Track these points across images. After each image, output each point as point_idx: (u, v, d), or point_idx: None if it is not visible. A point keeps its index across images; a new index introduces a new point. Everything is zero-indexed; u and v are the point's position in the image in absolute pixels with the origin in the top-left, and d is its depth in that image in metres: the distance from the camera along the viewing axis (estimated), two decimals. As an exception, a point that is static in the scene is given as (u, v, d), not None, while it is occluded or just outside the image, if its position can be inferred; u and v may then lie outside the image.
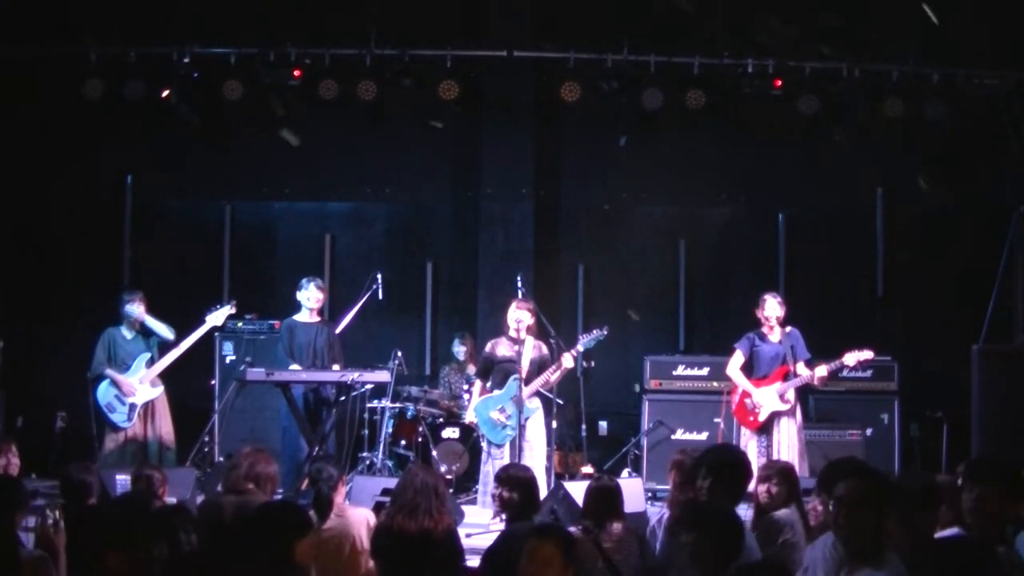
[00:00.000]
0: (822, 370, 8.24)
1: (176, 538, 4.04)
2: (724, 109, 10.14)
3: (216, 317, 8.86)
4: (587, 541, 5.22)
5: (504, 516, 5.66)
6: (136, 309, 8.64)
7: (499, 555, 5.22)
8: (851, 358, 8.27)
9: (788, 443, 8.19)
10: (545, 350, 8.32)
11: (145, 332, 8.75)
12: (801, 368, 8.30)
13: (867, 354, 8.33)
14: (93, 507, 5.56)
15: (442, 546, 5.19)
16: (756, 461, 7.45)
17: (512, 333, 8.19)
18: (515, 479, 5.59)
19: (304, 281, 8.85)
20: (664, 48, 9.94)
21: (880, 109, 9.90)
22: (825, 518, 4.76)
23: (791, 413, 8.29)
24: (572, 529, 5.27)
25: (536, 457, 7.99)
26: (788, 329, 8.47)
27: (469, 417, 8.52)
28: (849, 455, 5.53)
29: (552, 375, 8.11)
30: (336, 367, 8.60)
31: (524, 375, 8.03)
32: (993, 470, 4.44)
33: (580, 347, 8.24)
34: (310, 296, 8.77)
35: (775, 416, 8.26)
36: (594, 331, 8.28)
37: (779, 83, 9.88)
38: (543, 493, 6.94)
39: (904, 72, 9.86)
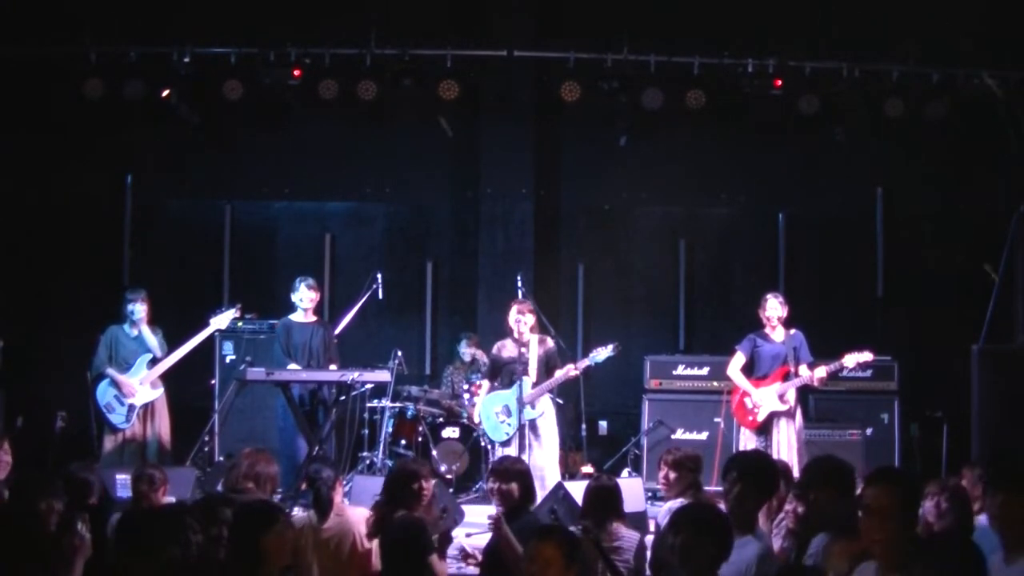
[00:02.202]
0: (821, 371, 8.24)
1: (187, 538, 4.04)
2: (724, 109, 10.13)
3: (220, 320, 8.86)
4: (587, 541, 5.22)
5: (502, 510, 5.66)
6: (138, 311, 8.60)
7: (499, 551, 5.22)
8: (851, 360, 8.27)
9: (787, 444, 8.17)
10: (550, 343, 8.35)
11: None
12: (802, 370, 8.29)
13: (866, 356, 8.33)
14: (95, 507, 5.56)
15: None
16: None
17: (516, 335, 8.20)
18: (510, 471, 5.59)
19: (296, 282, 8.84)
20: (664, 48, 9.94)
21: (880, 109, 9.90)
22: (808, 520, 4.76)
23: (790, 414, 8.27)
24: (572, 529, 5.27)
25: (548, 457, 7.96)
26: (792, 331, 8.46)
27: (476, 414, 8.55)
28: (827, 454, 5.47)
29: (558, 379, 8.12)
30: (333, 367, 8.60)
31: (535, 376, 8.03)
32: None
33: (588, 361, 8.22)
34: (302, 296, 8.75)
35: (774, 416, 8.25)
36: (608, 346, 8.23)
37: (779, 83, 9.88)
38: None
39: (904, 72, 9.86)
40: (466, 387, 9.65)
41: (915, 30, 9.90)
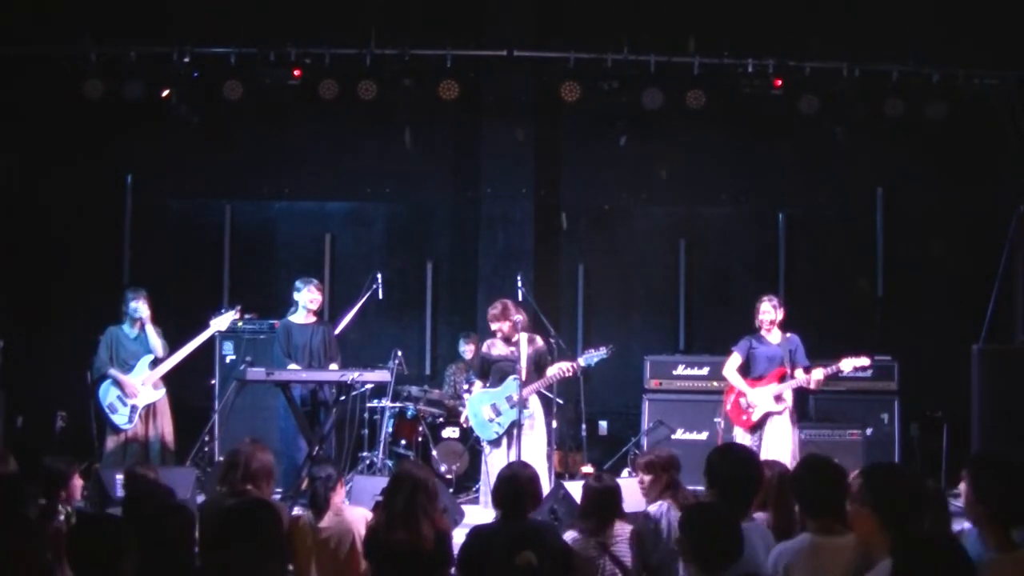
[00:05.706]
0: (819, 374, 8.21)
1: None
2: (724, 109, 10.13)
3: (220, 322, 8.85)
4: (590, 541, 5.23)
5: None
6: (141, 308, 8.58)
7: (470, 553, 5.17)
8: (847, 364, 8.26)
9: (781, 443, 8.12)
10: (540, 342, 8.30)
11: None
12: (798, 373, 8.28)
13: (863, 360, 8.33)
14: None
15: (435, 552, 5.12)
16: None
17: (501, 337, 8.22)
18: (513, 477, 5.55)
19: (301, 282, 8.82)
20: (664, 48, 9.94)
21: (880, 109, 9.90)
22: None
23: (785, 415, 8.25)
24: (574, 533, 5.29)
25: (535, 456, 7.95)
26: (788, 335, 8.45)
27: (465, 412, 8.55)
28: (813, 452, 5.45)
29: (549, 379, 8.11)
30: (334, 366, 8.59)
31: (524, 376, 8.01)
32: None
33: (581, 362, 8.17)
34: (308, 297, 8.74)
35: (768, 416, 8.24)
36: (601, 349, 8.20)
37: (779, 83, 9.89)
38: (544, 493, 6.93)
39: (904, 72, 9.86)
40: (466, 387, 9.65)
41: (915, 30, 9.90)
